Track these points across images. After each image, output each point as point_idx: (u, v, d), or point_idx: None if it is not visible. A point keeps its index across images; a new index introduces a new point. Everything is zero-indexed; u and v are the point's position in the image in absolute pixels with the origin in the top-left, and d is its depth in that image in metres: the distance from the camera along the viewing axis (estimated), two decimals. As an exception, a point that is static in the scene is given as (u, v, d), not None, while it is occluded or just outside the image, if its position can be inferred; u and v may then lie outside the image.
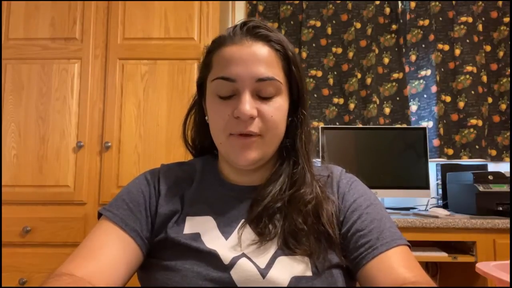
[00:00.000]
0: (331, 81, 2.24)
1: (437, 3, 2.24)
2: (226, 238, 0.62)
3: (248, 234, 0.62)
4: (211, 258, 0.59)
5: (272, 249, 0.61)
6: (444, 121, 2.15)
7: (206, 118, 0.70)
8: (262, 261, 0.59)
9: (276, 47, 0.65)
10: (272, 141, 0.66)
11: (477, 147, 2.10)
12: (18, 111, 1.79)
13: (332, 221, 0.64)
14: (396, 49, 2.26)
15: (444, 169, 2.00)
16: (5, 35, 1.83)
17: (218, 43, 0.66)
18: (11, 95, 1.80)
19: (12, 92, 1.80)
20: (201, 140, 0.77)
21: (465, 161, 2.11)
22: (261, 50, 0.63)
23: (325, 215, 0.63)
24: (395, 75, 2.23)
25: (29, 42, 1.83)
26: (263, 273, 0.58)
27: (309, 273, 0.59)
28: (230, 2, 2.30)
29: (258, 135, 0.63)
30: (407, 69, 2.24)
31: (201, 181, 0.71)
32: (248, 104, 0.61)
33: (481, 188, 1.67)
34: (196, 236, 0.62)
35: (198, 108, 0.74)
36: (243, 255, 0.60)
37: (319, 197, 0.65)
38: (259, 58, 0.63)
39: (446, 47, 2.22)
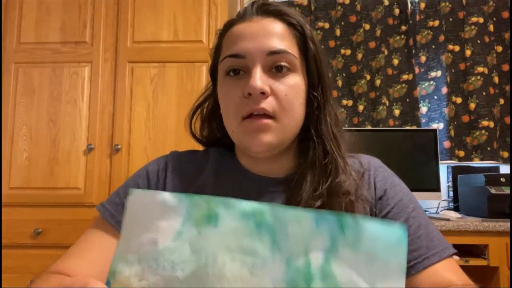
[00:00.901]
0: (340, 82, 2.23)
1: (447, 3, 2.22)
2: None
3: None
4: None
5: None
6: (455, 123, 2.13)
7: (221, 110, 0.64)
8: None
9: (291, 20, 0.60)
10: (289, 125, 0.58)
11: (488, 149, 2.08)
12: (29, 114, 1.82)
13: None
14: (406, 50, 2.24)
15: (455, 171, 1.98)
16: (16, 39, 1.86)
17: (228, 25, 0.62)
18: (23, 98, 1.82)
19: (23, 95, 1.82)
20: (213, 134, 0.71)
21: (476, 163, 2.08)
22: (272, 24, 0.59)
23: (356, 210, 0.58)
24: (405, 77, 2.21)
25: (40, 46, 1.85)
26: None
27: None
28: (239, 4, 2.30)
29: (272, 117, 0.57)
30: (417, 70, 2.23)
31: (218, 171, 0.65)
32: (259, 79, 0.55)
33: (493, 191, 1.65)
34: None
35: (212, 99, 0.69)
36: None
37: (356, 186, 0.60)
38: (270, 32, 0.58)
39: (457, 48, 2.19)
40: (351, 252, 0.32)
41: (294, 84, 0.58)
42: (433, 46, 2.22)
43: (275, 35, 0.58)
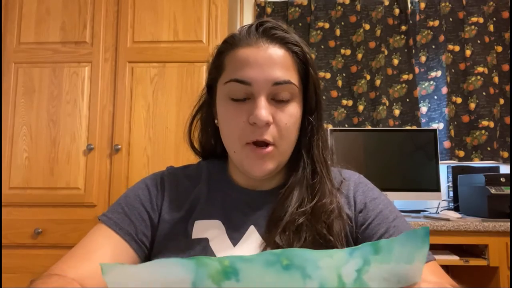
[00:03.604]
0: (339, 83, 2.23)
1: (447, 3, 2.22)
2: (234, 245, 0.61)
3: (256, 240, 0.61)
4: None
5: None
6: (455, 123, 2.13)
7: (216, 121, 0.68)
8: None
9: (294, 49, 0.63)
10: (286, 150, 0.64)
11: (488, 148, 2.08)
12: (29, 114, 1.82)
13: (342, 238, 0.61)
14: (406, 50, 2.24)
15: (455, 171, 1.98)
16: (16, 39, 1.86)
17: (232, 44, 0.64)
18: (23, 98, 1.82)
19: (23, 95, 1.83)
20: (208, 143, 0.74)
21: (476, 163, 2.08)
22: (278, 52, 0.61)
23: (335, 229, 0.60)
24: (405, 77, 2.21)
25: (40, 46, 1.85)
26: None
27: None
28: (238, 4, 2.31)
29: (273, 145, 0.61)
30: (416, 70, 2.22)
31: (210, 184, 0.69)
32: (264, 110, 0.58)
33: (493, 191, 1.65)
34: (205, 242, 0.61)
35: (207, 110, 0.71)
36: None
37: (339, 207, 0.62)
38: (276, 62, 0.60)
39: (457, 48, 2.19)
40: (383, 265, 0.32)
41: (293, 113, 0.62)
42: (433, 46, 2.22)
43: (280, 65, 0.61)
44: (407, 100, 2.19)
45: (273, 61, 0.60)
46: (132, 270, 0.30)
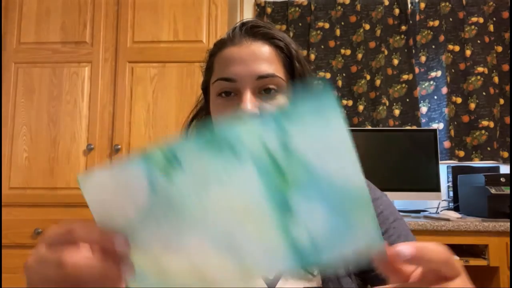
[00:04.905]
0: (339, 83, 2.23)
1: (447, 3, 2.22)
2: None
3: None
4: None
5: None
6: (455, 123, 2.13)
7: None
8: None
9: (277, 43, 0.64)
10: None
11: (488, 149, 2.08)
12: (29, 114, 1.82)
13: None
14: (406, 50, 2.24)
15: (455, 171, 1.98)
16: (16, 39, 1.86)
17: (219, 46, 0.66)
18: (23, 98, 1.82)
19: (23, 95, 1.83)
20: None
21: (476, 163, 2.08)
22: (261, 48, 0.63)
23: None
24: (405, 77, 2.21)
25: (40, 46, 1.85)
26: (271, 285, 0.57)
27: (319, 284, 0.58)
28: (238, 4, 2.31)
29: None
30: (416, 70, 2.22)
31: None
32: (249, 103, 0.59)
33: (493, 191, 1.65)
34: None
35: (205, 113, 0.73)
36: None
37: None
38: (259, 56, 0.62)
39: (457, 48, 2.19)
40: (296, 127, 0.31)
41: (281, 104, 0.61)
42: (433, 46, 2.22)
43: (264, 59, 0.62)
44: (407, 100, 2.20)
45: (256, 56, 0.62)
46: (99, 179, 0.34)
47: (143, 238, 0.33)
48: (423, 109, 2.21)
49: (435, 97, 2.19)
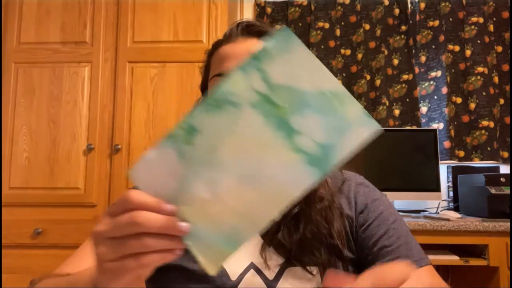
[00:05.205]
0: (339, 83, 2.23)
1: (447, 3, 2.22)
2: None
3: (257, 241, 0.62)
4: (217, 276, 0.58)
5: (280, 258, 0.59)
6: (455, 123, 2.13)
7: None
8: (270, 273, 0.59)
9: None
10: None
11: (488, 148, 2.08)
12: (29, 114, 1.82)
13: (343, 236, 0.61)
14: (406, 50, 2.24)
15: (455, 171, 1.98)
16: (16, 39, 1.86)
17: (215, 46, 0.68)
18: (23, 98, 1.82)
19: (23, 95, 1.83)
20: None
21: (476, 163, 2.08)
22: (255, 44, 0.63)
23: (336, 228, 0.61)
24: (405, 77, 2.21)
25: (40, 46, 1.85)
26: (271, 285, 0.57)
27: (318, 284, 0.58)
28: (238, 4, 2.31)
29: None
30: (416, 70, 2.22)
31: None
32: None
33: (493, 191, 1.65)
34: None
35: None
36: (252, 265, 0.59)
37: (332, 193, 0.63)
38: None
39: (457, 48, 2.19)
40: (274, 65, 0.38)
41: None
42: (433, 46, 2.22)
43: None
44: (407, 100, 2.19)
45: (250, 52, 0.62)
46: (142, 167, 0.38)
47: (186, 198, 0.38)
48: (423, 109, 2.21)
49: (435, 97, 2.19)
